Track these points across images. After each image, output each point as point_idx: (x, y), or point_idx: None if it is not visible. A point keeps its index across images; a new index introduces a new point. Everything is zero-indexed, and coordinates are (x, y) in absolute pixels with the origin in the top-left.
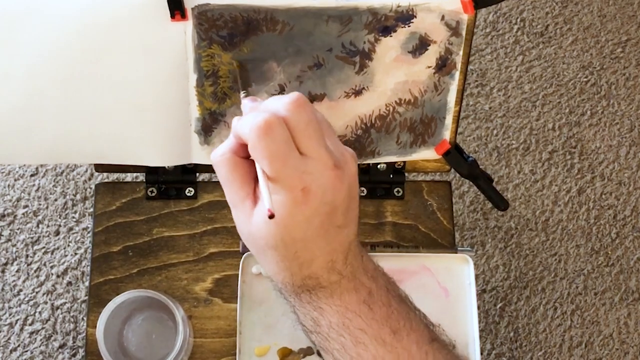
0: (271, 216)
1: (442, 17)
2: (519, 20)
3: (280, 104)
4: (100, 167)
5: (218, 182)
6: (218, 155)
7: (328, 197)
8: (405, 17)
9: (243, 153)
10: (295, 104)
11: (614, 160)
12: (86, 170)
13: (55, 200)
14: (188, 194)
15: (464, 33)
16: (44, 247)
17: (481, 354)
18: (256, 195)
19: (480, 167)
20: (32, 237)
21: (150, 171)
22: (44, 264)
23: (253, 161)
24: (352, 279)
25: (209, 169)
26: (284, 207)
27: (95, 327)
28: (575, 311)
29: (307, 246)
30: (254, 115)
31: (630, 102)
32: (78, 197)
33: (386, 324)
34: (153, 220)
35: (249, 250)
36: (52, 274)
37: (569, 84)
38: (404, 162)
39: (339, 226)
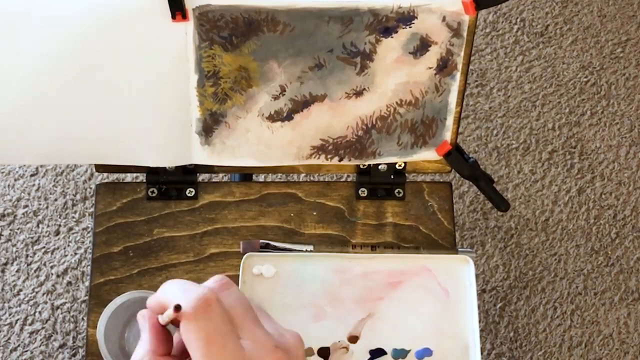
0: None
1: (443, 18)
2: (518, 20)
3: (207, 284)
4: (100, 168)
5: (219, 182)
6: None
7: None
8: (407, 18)
9: (162, 350)
10: (222, 285)
11: (613, 160)
12: (86, 170)
13: (55, 200)
14: (189, 195)
15: (465, 34)
16: (44, 247)
17: (481, 353)
18: None
19: (480, 167)
20: (32, 237)
21: (151, 171)
22: (44, 264)
23: (171, 339)
24: None
25: (209, 169)
26: None
27: (96, 327)
28: (575, 311)
29: None
30: (186, 288)
31: (630, 102)
32: (78, 197)
33: None
34: (154, 220)
35: (249, 251)
36: (52, 274)
37: (568, 84)
38: (405, 163)
39: None
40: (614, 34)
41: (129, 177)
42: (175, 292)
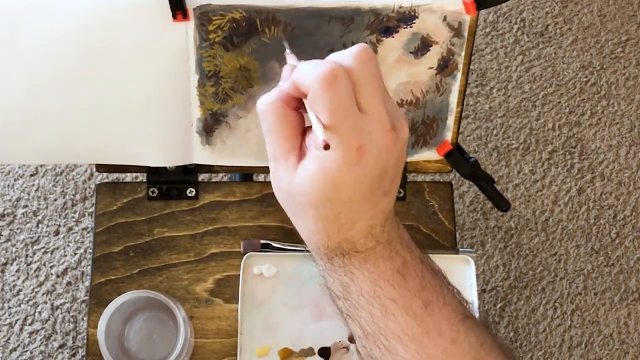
0: (326, 147)
1: (444, 18)
2: (519, 20)
3: (346, 54)
4: (101, 167)
5: (219, 182)
6: (266, 103)
7: (381, 160)
8: (407, 17)
9: (293, 104)
10: (362, 56)
11: (613, 160)
12: (86, 170)
13: (55, 200)
14: (189, 195)
15: (465, 34)
16: (43, 247)
17: None
18: (302, 150)
19: (480, 167)
20: (31, 237)
21: (151, 171)
22: (44, 264)
23: (301, 114)
24: (388, 246)
25: (210, 169)
26: (336, 165)
27: (96, 327)
28: (575, 311)
29: (351, 208)
30: (318, 64)
31: (630, 102)
32: (78, 197)
33: (419, 296)
34: (154, 220)
35: (250, 251)
36: (52, 274)
37: (569, 84)
38: (406, 162)
39: (384, 192)
40: (614, 34)
41: (128, 177)
42: (306, 67)
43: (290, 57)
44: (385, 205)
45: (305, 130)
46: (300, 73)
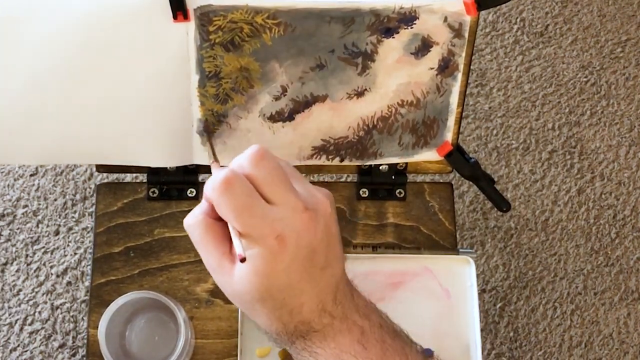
0: (242, 260)
1: (445, 19)
2: (518, 20)
3: (242, 159)
4: (101, 168)
5: None
6: (191, 218)
7: (304, 241)
8: (408, 18)
9: (215, 215)
10: (255, 157)
11: (613, 160)
12: (86, 170)
13: (55, 200)
14: (190, 195)
15: (466, 34)
16: (43, 247)
17: (481, 353)
18: (232, 254)
19: (481, 167)
20: (31, 237)
21: (152, 172)
22: (44, 264)
23: (225, 222)
24: (344, 319)
25: (210, 169)
26: (262, 259)
27: (96, 327)
28: (575, 311)
29: (293, 292)
30: (215, 174)
31: (630, 102)
32: (78, 196)
33: None
34: (154, 220)
35: None
36: (52, 274)
37: (568, 84)
38: (406, 163)
39: (321, 268)
40: (613, 34)
41: (128, 177)
42: (208, 182)
43: (212, 168)
44: (329, 280)
45: (230, 243)
46: (205, 188)
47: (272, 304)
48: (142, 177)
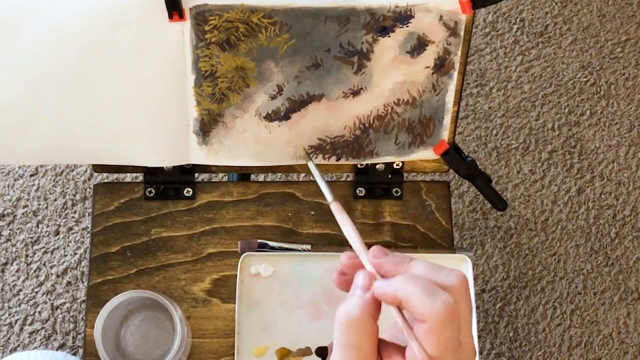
0: None
1: (440, 17)
2: (518, 20)
3: (453, 285)
4: (98, 168)
5: (216, 182)
6: (353, 317)
7: None
8: (404, 17)
9: (375, 314)
10: (465, 289)
11: (613, 160)
12: (86, 170)
13: (55, 200)
14: (186, 195)
15: (462, 33)
16: (43, 247)
17: (480, 353)
18: None
19: (480, 167)
20: (31, 237)
21: (148, 172)
22: (44, 264)
23: (377, 325)
24: None
25: (207, 169)
26: None
27: (94, 327)
28: (574, 311)
29: None
30: (432, 293)
31: (630, 102)
32: (78, 197)
33: None
34: (151, 220)
35: (247, 250)
36: (52, 274)
37: (568, 84)
38: (403, 162)
39: None
40: (613, 34)
41: (128, 177)
42: (419, 294)
43: (337, 209)
44: None
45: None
46: (412, 296)
47: None
48: (141, 177)
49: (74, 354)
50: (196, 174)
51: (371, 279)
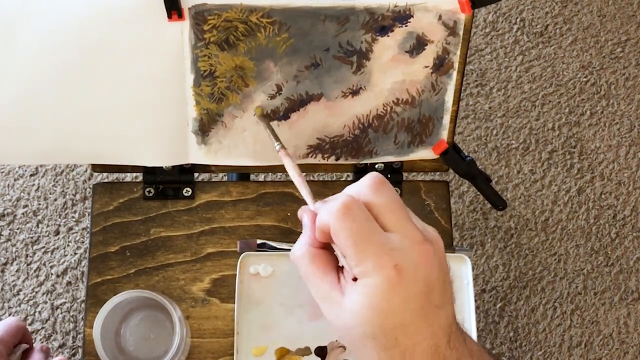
0: (354, 279)
1: (440, 17)
2: (518, 20)
3: (359, 186)
4: (97, 167)
5: (216, 182)
6: (296, 251)
7: (421, 274)
8: (403, 16)
9: (319, 244)
10: (374, 184)
11: (613, 160)
12: (86, 170)
13: (55, 200)
14: (185, 194)
15: (461, 33)
16: (43, 247)
17: None
18: (341, 284)
19: (480, 167)
20: (31, 237)
21: (147, 171)
22: (44, 264)
23: (332, 253)
24: None
25: (206, 169)
26: (378, 289)
27: (93, 327)
28: (574, 311)
29: (407, 331)
30: (331, 201)
31: (630, 102)
32: (78, 197)
33: None
34: (150, 220)
35: (246, 250)
36: (52, 274)
37: (568, 84)
38: (402, 162)
39: (437, 306)
40: (613, 34)
41: (128, 177)
42: (324, 208)
43: (283, 154)
44: (443, 321)
45: (339, 268)
46: (319, 216)
47: (383, 342)
48: (140, 177)
49: (74, 354)
50: (195, 174)
51: (310, 216)
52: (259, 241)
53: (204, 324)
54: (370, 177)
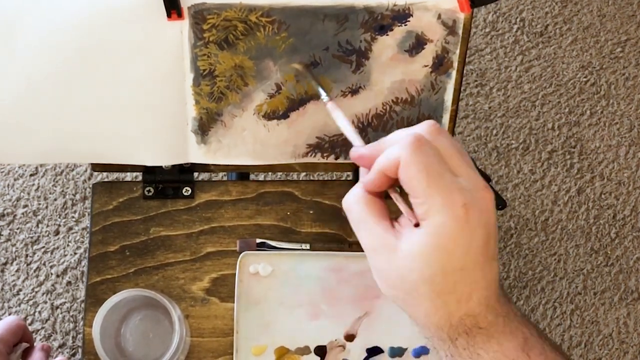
0: (417, 225)
1: (439, 16)
2: (518, 20)
3: (418, 129)
4: (97, 167)
5: (215, 181)
6: (350, 197)
7: (484, 219)
8: (402, 15)
9: (374, 192)
10: (434, 129)
11: (613, 160)
12: (85, 170)
13: (55, 199)
14: (185, 194)
15: (460, 32)
16: (43, 247)
17: None
18: (396, 229)
19: (480, 167)
20: (31, 237)
21: (147, 171)
22: (44, 264)
23: (384, 201)
24: (508, 320)
25: (206, 168)
26: (446, 227)
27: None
28: (574, 311)
29: (465, 277)
30: (399, 136)
31: (630, 102)
32: (77, 196)
33: None
34: (150, 219)
35: (246, 249)
36: (52, 274)
37: (568, 84)
38: None
39: (492, 257)
40: (613, 34)
41: (128, 177)
42: (390, 140)
43: (331, 106)
44: (495, 274)
45: (391, 220)
46: (388, 152)
47: (441, 287)
48: (140, 177)
49: (74, 354)
50: (195, 173)
51: (370, 161)
52: (258, 240)
53: (204, 323)
54: (427, 124)
